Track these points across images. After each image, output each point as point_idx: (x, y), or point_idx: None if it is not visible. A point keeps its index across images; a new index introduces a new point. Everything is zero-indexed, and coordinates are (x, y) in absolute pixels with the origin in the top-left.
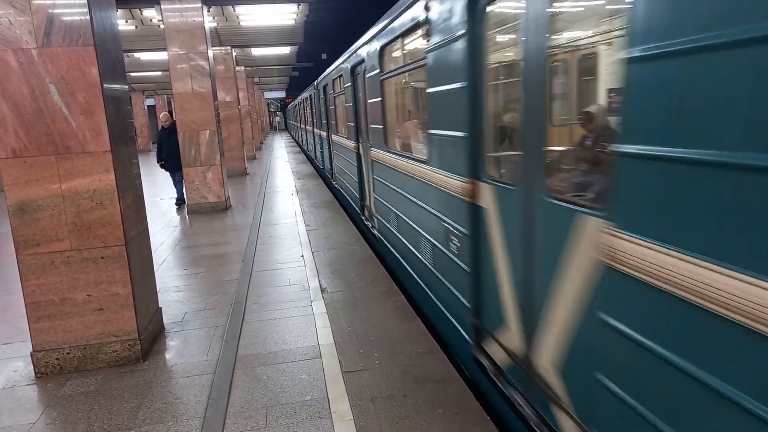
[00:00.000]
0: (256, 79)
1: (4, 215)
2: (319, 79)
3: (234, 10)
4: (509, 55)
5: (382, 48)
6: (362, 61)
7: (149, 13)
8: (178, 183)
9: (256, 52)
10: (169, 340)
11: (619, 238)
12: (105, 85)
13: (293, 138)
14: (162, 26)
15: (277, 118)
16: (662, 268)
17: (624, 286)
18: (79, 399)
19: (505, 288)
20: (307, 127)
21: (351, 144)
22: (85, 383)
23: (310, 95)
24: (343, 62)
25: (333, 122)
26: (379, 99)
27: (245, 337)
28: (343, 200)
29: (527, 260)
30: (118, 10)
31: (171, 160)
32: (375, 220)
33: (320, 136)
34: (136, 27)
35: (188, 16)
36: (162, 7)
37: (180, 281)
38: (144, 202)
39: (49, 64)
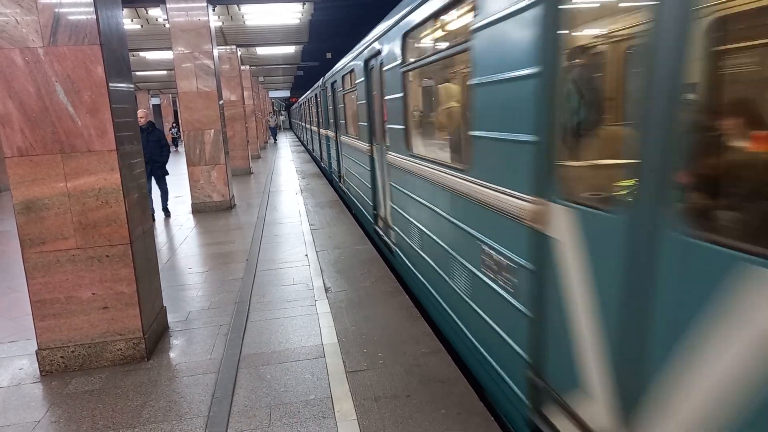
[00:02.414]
0: (261, 79)
1: (10, 213)
2: (314, 86)
3: (239, 9)
4: (375, 90)
5: (343, 76)
6: (335, 81)
7: (155, 12)
8: (163, 193)
9: (261, 51)
10: (174, 339)
11: (389, 154)
12: (110, 84)
13: (297, 137)
14: (167, 25)
15: (282, 118)
16: (398, 161)
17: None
18: (83, 397)
19: (387, 192)
20: (305, 125)
21: (331, 134)
22: (89, 381)
23: (308, 99)
24: (327, 79)
25: (321, 120)
26: (342, 105)
27: (249, 336)
28: (326, 172)
29: (391, 179)
30: (124, 9)
31: (146, 167)
32: (343, 179)
33: (313, 130)
34: (142, 26)
35: (193, 15)
36: (167, 6)
37: (184, 280)
38: (150, 200)
39: (55, 63)
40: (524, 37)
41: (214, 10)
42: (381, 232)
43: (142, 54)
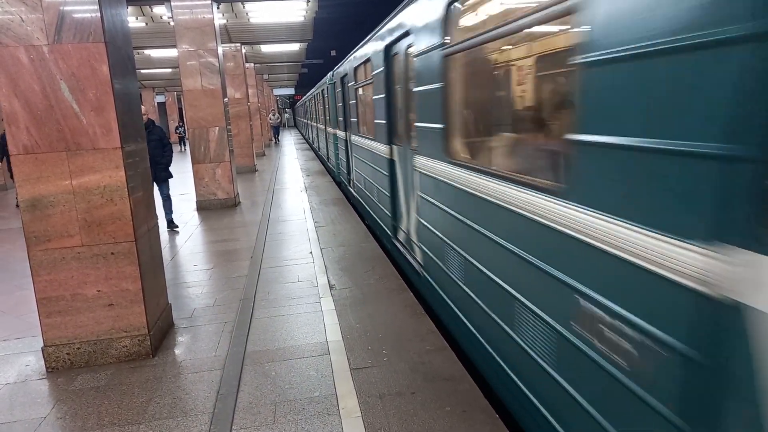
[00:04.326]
0: (266, 76)
1: (17, 211)
2: (312, 90)
3: (243, 7)
4: (347, 97)
5: (331, 85)
6: (326, 88)
7: (159, 10)
8: (165, 200)
9: (266, 48)
10: (179, 336)
11: (353, 136)
12: (115, 82)
13: (302, 134)
14: (172, 23)
15: (286, 115)
16: (356, 139)
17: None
18: (89, 393)
19: (352, 162)
20: (306, 121)
21: (322, 127)
22: (95, 378)
23: (308, 100)
24: (321, 85)
25: (319, 117)
26: (330, 106)
27: (254, 334)
28: (321, 157)
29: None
30: (129, 7)
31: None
32: (330, 159)
33: (311, 125)
34: (147, 24)
35: (198, 13)
36: (172, 4)
37: (189, 277)
38: (154, 198)
39: (60, 60)
40: (380, 80)
41: (218, 7)
42: (349, 186)
43: (146, 52)
